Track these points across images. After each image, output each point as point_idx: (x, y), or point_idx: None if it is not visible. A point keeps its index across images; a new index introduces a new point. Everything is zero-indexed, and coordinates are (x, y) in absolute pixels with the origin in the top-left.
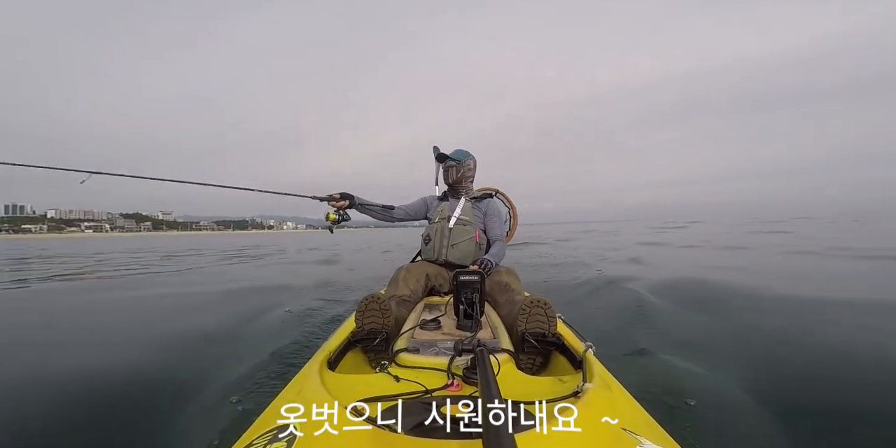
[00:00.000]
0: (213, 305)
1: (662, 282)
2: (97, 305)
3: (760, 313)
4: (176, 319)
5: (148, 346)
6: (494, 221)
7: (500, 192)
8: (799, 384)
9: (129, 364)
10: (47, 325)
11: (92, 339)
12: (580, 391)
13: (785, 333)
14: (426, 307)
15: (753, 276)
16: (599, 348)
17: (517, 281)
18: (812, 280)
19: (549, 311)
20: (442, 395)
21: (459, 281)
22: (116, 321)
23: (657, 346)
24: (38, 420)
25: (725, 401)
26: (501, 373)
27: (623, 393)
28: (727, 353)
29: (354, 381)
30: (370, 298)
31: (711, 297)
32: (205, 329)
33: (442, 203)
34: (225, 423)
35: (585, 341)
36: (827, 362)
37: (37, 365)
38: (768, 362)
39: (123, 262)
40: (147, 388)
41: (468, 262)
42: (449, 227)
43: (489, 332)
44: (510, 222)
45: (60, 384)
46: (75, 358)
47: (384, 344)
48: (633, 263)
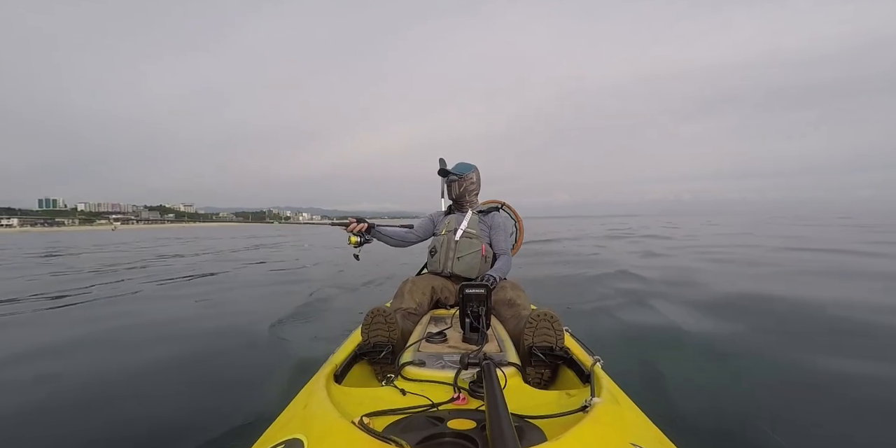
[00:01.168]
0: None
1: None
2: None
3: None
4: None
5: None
6: (500, 235)
7: (506, 205)
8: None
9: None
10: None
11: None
12: (588, 406)
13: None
14: (432, 320)
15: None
16: (608, 362)
17: (523, 295)
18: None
19: (556, 324)
20: (448, 408)
21: (465, 294)
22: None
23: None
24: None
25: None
26: (508, 387)
27: (632, 407)
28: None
29: (360, 395)
30: (376, 311)
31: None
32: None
33: (448, 216)
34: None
35: (593, 355)
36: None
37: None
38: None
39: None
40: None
41: (474, 274)
42: (455, 240)
43: (496, 345)
44: (516, 235)
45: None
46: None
47: (390, 356)
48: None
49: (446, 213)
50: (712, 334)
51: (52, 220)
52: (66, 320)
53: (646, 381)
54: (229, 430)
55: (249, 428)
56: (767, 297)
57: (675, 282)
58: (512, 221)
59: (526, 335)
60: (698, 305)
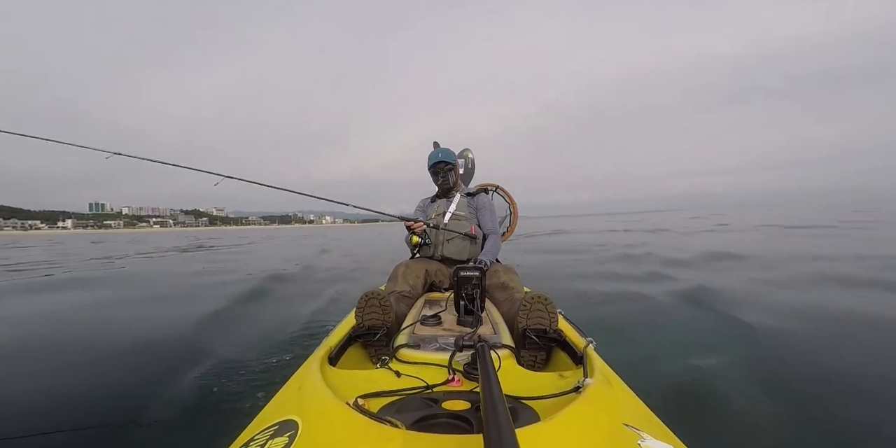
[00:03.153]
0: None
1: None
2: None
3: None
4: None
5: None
6: (485, 214)
7: (499, 188)
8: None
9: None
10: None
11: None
12: (581, 386)
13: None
14: (426, 303)
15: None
16: (600, 344)
17: (516, 278)
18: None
19: (549, 306)
20: (443, 390)
21: (460, 276)
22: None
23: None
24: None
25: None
26: (502, 368)
27: (623, 388)
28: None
29: (355, 377)
30: (370, 294)
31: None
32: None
33: (438, 200)
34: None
35: (586, 337)
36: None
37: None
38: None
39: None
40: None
41: (465, 257)
42: (444, 223)
43: (490, 327)
44: (510, 218)
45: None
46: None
47: (385, 339)
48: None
49: (433, 198)
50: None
51: (101, 222)
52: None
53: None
54: (227, 412)
55: (244, 410)
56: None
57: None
58: (506, 204)
59: (520, 317)
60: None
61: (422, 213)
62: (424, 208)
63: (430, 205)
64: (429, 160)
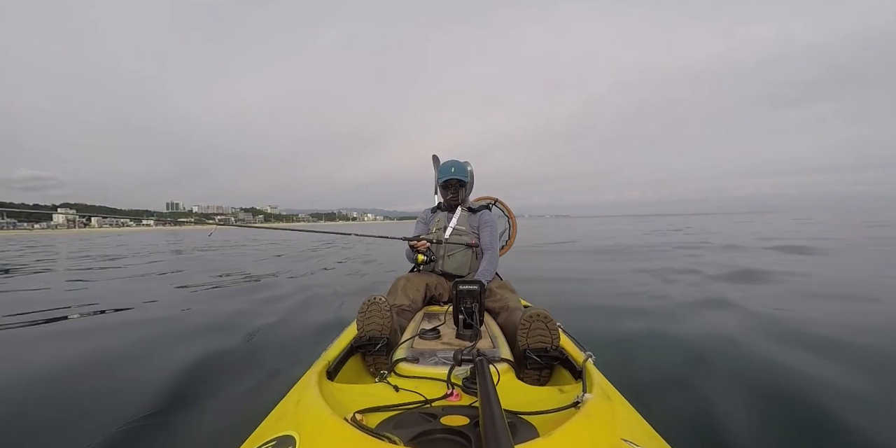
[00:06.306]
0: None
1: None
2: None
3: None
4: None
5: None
6: (486, 232)
7: (498, 201)
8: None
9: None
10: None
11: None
12: (580, 401)
13: None
14: (426, 316)
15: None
16: (599, 357)
17: (512, 293)
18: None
19: (550, 324)
20: (442, 405)
21: (459, 290)
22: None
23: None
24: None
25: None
26: (501, 383)
27: (623, 403)
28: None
29: (353, 392)
30: (371, 300)
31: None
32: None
33: (439, 213)
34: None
35: (585, 351)
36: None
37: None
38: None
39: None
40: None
41: (465, 272)
42: (445, 238)
43: (489, 341)
44: (510, 231)
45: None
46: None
47: (384, 349)
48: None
49: (437, 209)
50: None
51: (177, 220)
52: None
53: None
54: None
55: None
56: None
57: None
58: (505, 219)
59: (520, 337)
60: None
61: (423, 224)
62: (426, 220)
63: (431, 217)
64: (441, 174)
